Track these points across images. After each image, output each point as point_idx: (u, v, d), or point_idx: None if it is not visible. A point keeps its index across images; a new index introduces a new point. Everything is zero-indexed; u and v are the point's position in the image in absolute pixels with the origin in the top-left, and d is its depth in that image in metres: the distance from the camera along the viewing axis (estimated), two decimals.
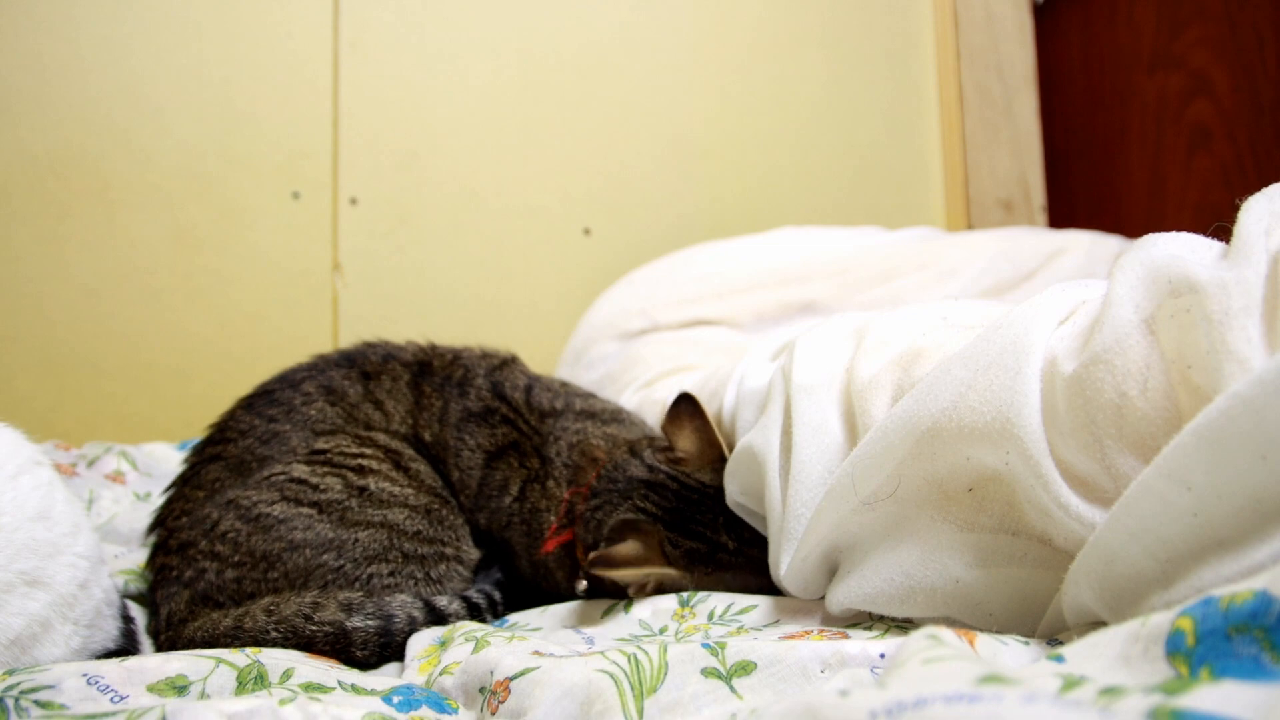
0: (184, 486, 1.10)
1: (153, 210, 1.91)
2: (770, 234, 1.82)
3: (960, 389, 0.73)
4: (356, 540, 1.02)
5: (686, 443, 1.06)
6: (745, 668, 0.68)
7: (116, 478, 1.41)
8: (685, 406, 1.06)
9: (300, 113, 1.99)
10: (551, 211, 2.14)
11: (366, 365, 1.17)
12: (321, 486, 1.04)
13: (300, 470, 1.05)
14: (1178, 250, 0.67)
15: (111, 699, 0.70)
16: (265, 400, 1.14)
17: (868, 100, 2.35)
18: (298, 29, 2.00)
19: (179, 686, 0.73)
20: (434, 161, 2.07)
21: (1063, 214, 2.25)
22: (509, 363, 1.26)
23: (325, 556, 1.01)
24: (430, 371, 1.20)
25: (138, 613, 1.07)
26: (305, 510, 1.02)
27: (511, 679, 0.70)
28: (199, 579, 1.02)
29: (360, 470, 1.06)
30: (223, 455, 1.10)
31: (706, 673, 0.67)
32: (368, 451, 1.08)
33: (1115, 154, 2.11)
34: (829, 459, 0.87)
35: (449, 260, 2.07)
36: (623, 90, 2.19)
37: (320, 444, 1.07)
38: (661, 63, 2.22)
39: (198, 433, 1.63)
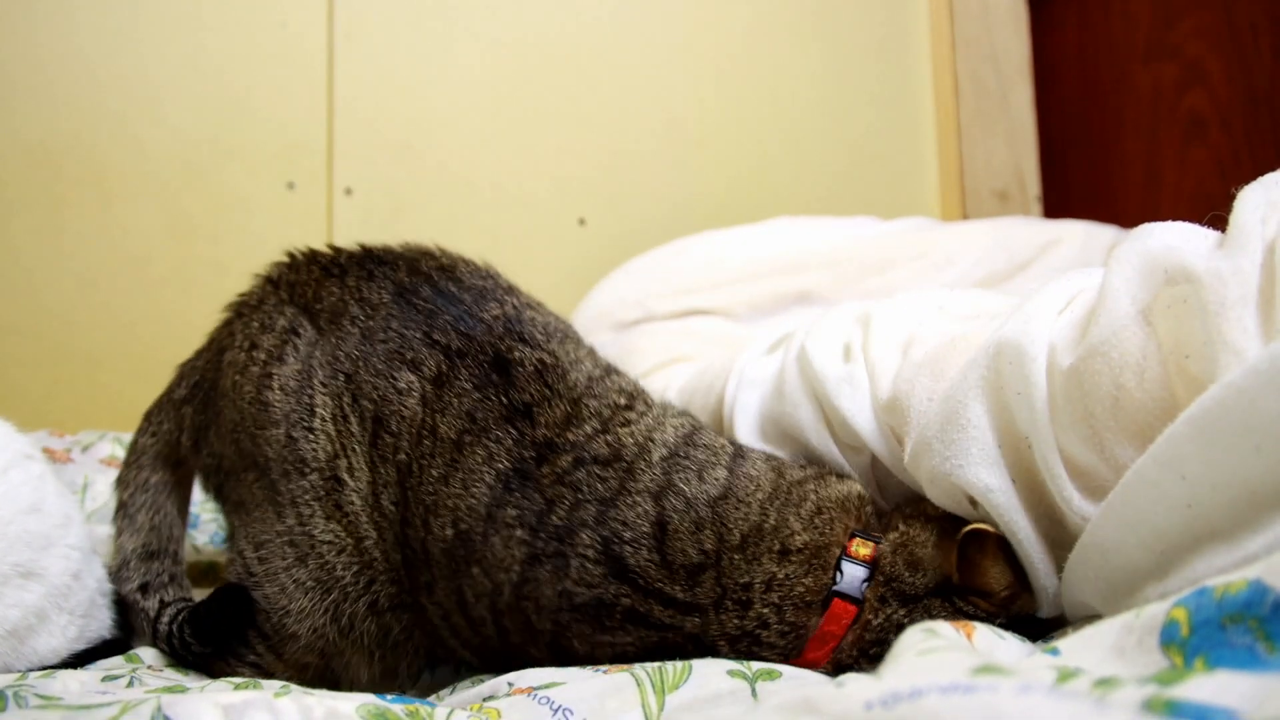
0: None
1: (148, 200, 1.90)
2: (765, 224, 1.82)
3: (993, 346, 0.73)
4: None
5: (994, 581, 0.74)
6: (770, 673, 0.68)
7: (111, 462, 1.40)
8: (978, 546, 0.74)
9: (295, 103, 1.99)
10: (546, 202, 2.13)
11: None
12: None
13: None
14: (1174, 240, 0.67)
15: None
16: None
17: (863, 90, 2.35)
18: (292, 19, 1.99)
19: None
20: (428, 152, 2.07)
21: (1058, 204, 2.25)
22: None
23: None
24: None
25: None
26: None
27: (536, 689, 0.69)
28: None
29: None
30: None
31: (732, 674, 0.68)
32: None
33: (1110, 144, 2.11)
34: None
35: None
36: (617, 80, 2.19)
37: None
38: (656, 53, 2.21)
39: None
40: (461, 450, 0.81)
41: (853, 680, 0.39)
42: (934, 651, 0.42)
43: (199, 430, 0.97)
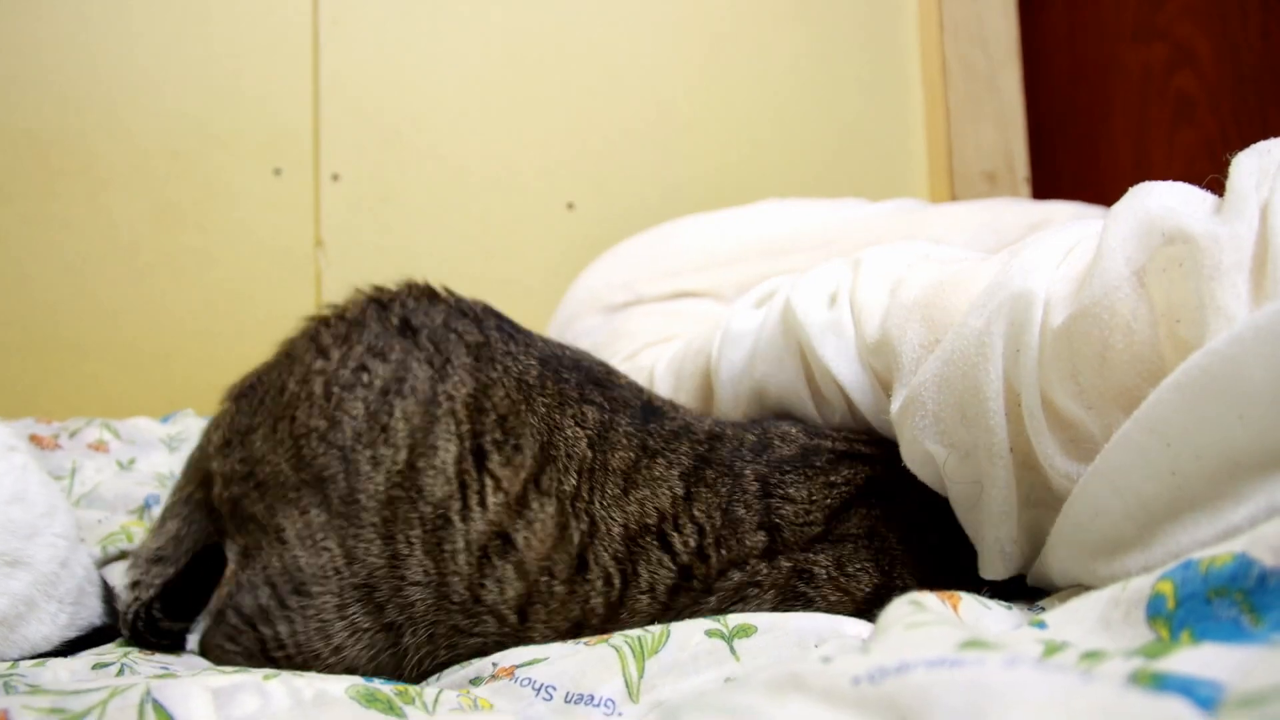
0: None
1: (135, 188, 1.89)
2: (753, 206, 1.81)
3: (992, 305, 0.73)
4: None
5: None
6: (746, 630, 0.69)
7: (99, 446, 1.39)
8: None
9: (281, 89, 1.97)
10: (534, 187, 2.13)
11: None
12: None
13: None
14: (1172, 202, 0.66)
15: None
16: None
17: (851, 73, 2.34)
18: (278, 4, 1.98)
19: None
20: (416, 138, 2.06)
21: (1047, 186, 2.25)
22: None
23: None
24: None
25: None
26: None
27: (518, 666, 0.70)
28: None
29: None
30: None
31: (710, 633, 0.68)
32: None
33: (1099, 126, 2.11)
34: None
35: (432, 236, 2.05)
36: (606, 65, 2.18)
37: None
38: (643, 37, 2.21)
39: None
40: (639, 470, 0.85)
41: (840, 655, 0.39)
42: (921, 625, 0.42)
43: (235, 432, 0.95)
